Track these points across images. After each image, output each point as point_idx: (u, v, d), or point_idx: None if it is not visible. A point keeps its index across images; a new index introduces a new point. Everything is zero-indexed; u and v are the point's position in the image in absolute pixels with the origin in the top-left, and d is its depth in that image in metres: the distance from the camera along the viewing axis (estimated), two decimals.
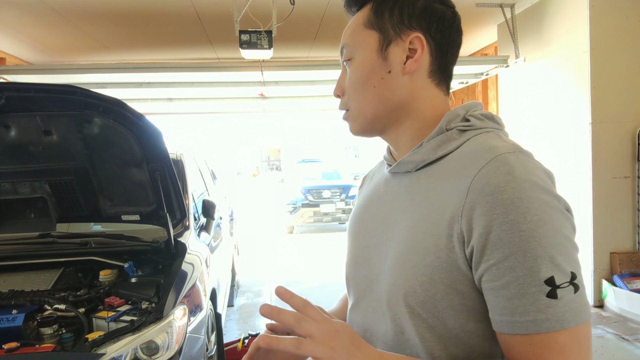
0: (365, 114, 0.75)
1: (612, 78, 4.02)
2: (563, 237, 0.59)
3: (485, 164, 0.62)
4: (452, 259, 0.62)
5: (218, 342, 2.71)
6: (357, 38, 0.75)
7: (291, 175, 10.97)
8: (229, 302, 4.30)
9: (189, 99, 6.70)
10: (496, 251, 0.58)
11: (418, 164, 0.72)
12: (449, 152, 0.69)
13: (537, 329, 0.57)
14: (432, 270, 0.64)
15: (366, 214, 0.82)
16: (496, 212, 0.58)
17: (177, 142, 3.60)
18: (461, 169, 0.65)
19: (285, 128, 31.38)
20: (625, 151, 4.07)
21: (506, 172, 0.60)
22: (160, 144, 2.09)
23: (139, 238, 2.40)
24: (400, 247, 0.69)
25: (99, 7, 4.40)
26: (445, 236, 0.63)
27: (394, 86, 0.73)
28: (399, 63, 0.72)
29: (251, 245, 7.74)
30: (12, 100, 1.93)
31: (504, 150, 0.63)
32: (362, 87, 0.74)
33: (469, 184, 0.62)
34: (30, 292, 2.09)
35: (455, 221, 0.62)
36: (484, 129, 0.71)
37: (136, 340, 1.82)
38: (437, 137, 0.71)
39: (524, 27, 4.87)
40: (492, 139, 0.67)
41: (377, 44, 0.73)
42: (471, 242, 0.60)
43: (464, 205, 0.61)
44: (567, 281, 0.57)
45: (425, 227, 0.66)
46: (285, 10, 3.91)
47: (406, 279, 0.66)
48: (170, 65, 5.79)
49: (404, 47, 0.72)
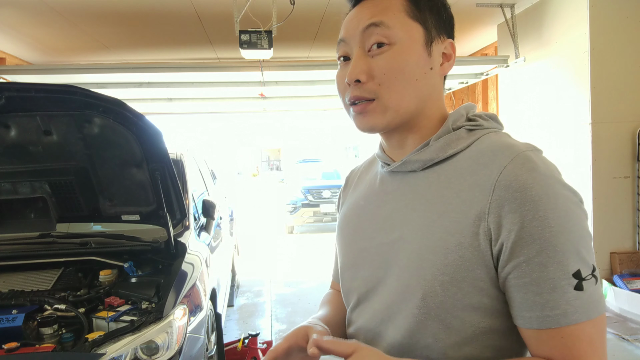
0: (400, 106, 0.70)
1: (612, 78, 4.02)
2: (585, 231, 0.61)
3: (510, 162, 0.62)
4: (478, 257, 0.62)
5: (218, 342, 2.71)
6: (401, 24, 0.70)
7: (291, 175, 10.97)
8: (229, 302, 4.30)
9: (189, 99, 6.70)
10: (526, 247, 0.59)
11: (426, 163, 0.71)
12: (459, 150, 0.69)
13: (567, 322, 0.58)
14: (454, 270, 0.63)
15: (362, 215, 0.80)
16: (526, 208, 0.59)
17: (177, 142, 3.60)
18: (480, 166, 0.65)
19: (285, 128, 31.36)
20: (625, 151, 4.07)
21: (531, 168, 0.61)
22: (160, 144, 2.09)
23: (139, 238, 2.39)
24: (413, 246, 0.68)
25: (99, 7, 4.40)
26: (470, 234, 0.63)
27: (431, 83, 0.73)
28: (438, 62, 0.73)
29: (251, 245, 7.74)
30: (12, 100, 1.93)
31: (524, 148, 0.64)
32: (405, 77, 0.69)
33: (495, 181, 0.62)
34: (30, 292, 2.09)
35: (482, 218, 0.62)
36: (491, 128, 0.72)
37: (136, 340, 1.82)
38: (445, 136, 0.71)
39: (524, 27, 4.87)
40: (506, 138, 0.69)
41: (424, 37, 0.71)
42: (500, 239, 0.61)
43: (490, 202, 0.62)
44: (590, 273, 0.59)
45: (443, 226, 0.65)
46: (285, 10, 3.91)
47: (424, 279, 0.65)
48: (170, 65, 5.78)
49: (440, 49, 0.73)
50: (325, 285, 1.00)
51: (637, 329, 3.57)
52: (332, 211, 9.11)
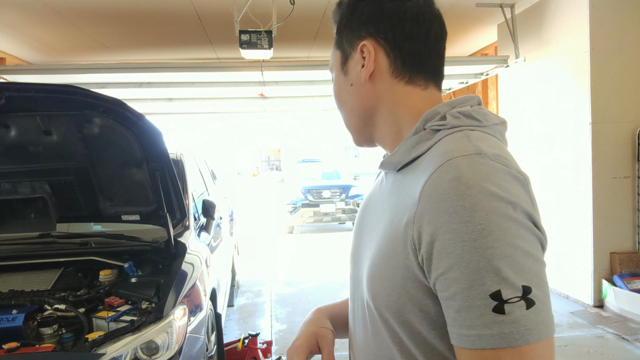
0: (350, 127, 0.79)
1: (612, 78, 4.02)
2: (513, 248, 0.54)
3: (436, 169, 0.59)
4: (408, 265, 0.61)
5: (218, 342, 2.71)
6: (331, 60, 0.80)
7: (291, 175, 10.97)
8: (229, 302, 4.30)
9: (189, 99, 6.70)
10: (442, 261, 0.56)
11: (396, 165, 0.71)
12: (421, 153, 0.67)
13: (482, 345, 0.54)
14: (393, 276, 0.63)
15: (366, 210, 0.82)
16: (440, 220, 0.56)
17: (177, 142, 3.60)
18: (421, 173, 0.63)
19: (285, 128, 31.38)
20: (625, 151, 4.07)
21: (452, 177, 0.57)
22: (160, 144, 2.09)
23: (139, 238, 2.39)
24: (373, 250, 0.69)
25: (99, 7, 4.40)
26: (401, 241, 0.62)
27: (359, 96, 0.75)
28: (357, 74, 0.74)
29: (251, 245, 7.74)
30: (12, 100, 1.93)
31: (459, 153, 0.59)
32: (339, 103, 0.79)
33: (421, 189, 0.60)
34: (30, 292, 2.09)
35: (409, 227, 0.61)
36: (456, 128, 0.66)
37: (136, 340, 1.82)
38: (412, 138, 0.69)
39: (524, 27, 4.87)
40: (455, 141, 0.63)
41: (340, 61, 0.77)
42: (421, 250, 0.59)
43: (416, 212, 0.60)
44: (518, 296, 0.53)
45: (390, 232, 0.65)
46: (285, 10, 3.91)
47: (374, 283, 0.67)
48: (170, 65, 5.79)
49: (357, 58, 0.74)
50: (325, 285, 1.02)
51: (637, 329, 3.57)
52: (332, 211, 9.11)
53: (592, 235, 4.00)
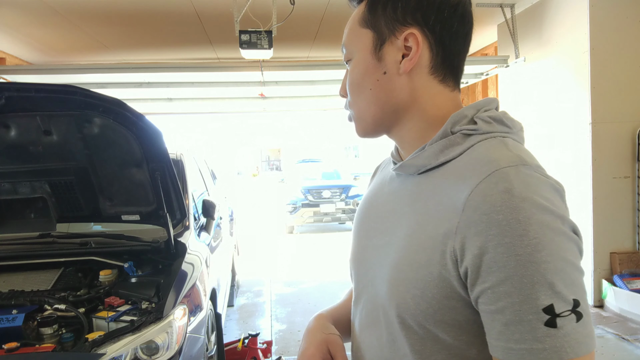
0: (365, 117, 0.72)
1: (612, 78, 4.02)
2: (565, 262, 0.54)
3: (483, 179, 0.57)
4: (444, 276, 0.59)
5: (218, 342, 2.71)
6: (353, 38, 0.72)
7: (291, 175, 10.97)
8: (229, 302, 4.30)
9: (189, 99, 6.70)
10: (491, 274, 0.55)
11: (420, 168, 0.68)
12: (452, 158, 0.65)
13: (533, 359, 0.53)
14: (424, 285, 0.61)
15: (370, 210, 0.80)
16: (491, 232, 0.55)
17: (177, 142, 3.60)
18: (460, 180, 0.61)
19: (285, 128, 31.37)
20: (625, 151, 4.07)
21: (504, 189, 0.56)
22: (160, 144, 2.09)
23: (139, 238, 2.39)
24: (396, 255, 0.66)
25: (99, 7, 4.40)
26: (439, 252, 0.60)
27: (391, 88, 0.69)
28: (394, 63, 0.68)
29: (251, 245, 7.74)
30: (12, 100, 1.93)
31: (505, 163, 0.58)
32: (359, 89, 0.71)
33: (465, 200, 0.58)
34: (30, 292, 2.09)
35: (449, 238, 0.59)
36: (490, 133, 0.65)
37: (136, 340, 1.82)
38: (440, 141, 0.66)
39: (524, 27, 4.87)
40: (495, 148, 0.62)
41: (372, 43, 0.69)
42: (464, 263, 0.57)
43: (459, 223, 0.58)
44: (569, 309, 0.53)
45: (420, 239, 0.63)
46: (285, 10, 3.91)
47: (398, 290, 0.64)
48: (170, 65, 5.79)
49: (399, 45, 0.67)
50: (325, 285, 1.01)
51: (637, 329, 3.57)
52: (332, 211, 9.11)
53: (592, 235, 4.00)
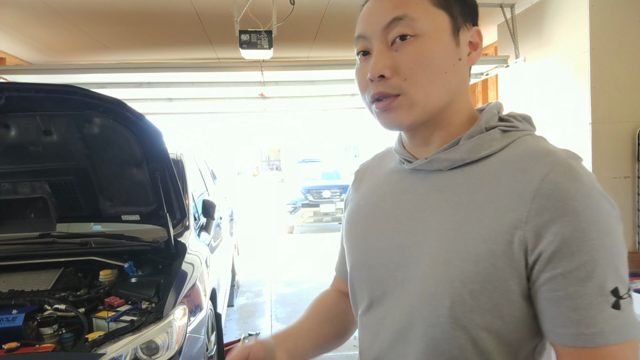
0: (428, 102, 0.66)
1: (612, 78, 4.02)
2: (623, 248, 0.58)
3: (552, 169, 0.59)
4: (510, 266, 0.59)
5: (218, 342, 2.71)
6: (426, 13, 0.65)
7: (291, 175, 10.96)
8: (229, 302, 4.30)
9: (189, 99, 6.70)
10: (565, 259, 0.56)
11: (455, 163, 0.67)
12: (492, 152, 0.66)
13: (605, 341, 0.55)
14: (485, 278, 0.60)
15: (376, 213, 0.75)
16: (567, 218, 0.56)
17: (177, 142, 3.60)
18: (518, 172, 0.61)
19: (285, 128, 31.37)
20: (625, 151, 4.07)
21: (574, 177, 0.58)
22: (160, 144, 2.09)
23: (139, 238, 2.39)
24: (439, 251, 0.64)
25: (99, 7, 4.40)
26: (504, 242, 0.59)
27: (460, 75, 0.69)
28: (466, 52, 0.69)
29: (251, 245, 7.74)
30: (12, 100, 1.93)
31: (565, 155, 0.61)
32: (430, 70, 0.65)
33: (535, 188, 0.58)
34: (30, 292, 2.09)
35: (518, 227, 0.59)
36: (526, 131, 0.68)
37: (136, 340, 1.82)
38: (478, 136, 0.67)
39: (524, 27, 4.87)
40: (544, 143, 0.65)
41: (451, 26, 0.67)
42: (536, 250, 0.58)
43: (529, 210, 0.58)
44: (627, 292, 0.56)
45: (474, 232, 0.62)
46: (285, 10, 3.91)
47: (452, 287, 0.61)
48: (170, 65, 5.79)
49: (467, 37, 0.69)
50: (325, 285, 1.00)
51: None
52: (332, 211, 9.11)
53: None
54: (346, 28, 4.84)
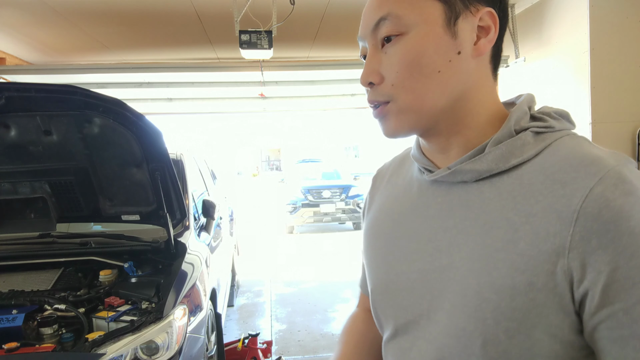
0: (421, 106, 0.58)
1: (612, 78, 4.02)
2: None
3: (598, 181, 0.48)
4: (553, 301, 0.50)
5: (218, 342, 2.71)
6: (412, 6, 0.57)
7: (291, 175, 10.96)
8: (229, 302, 4.30)
9: (189, 99, 6.71)
10: (624, 292, 0.46)
11: (481, 174, 0.57)
12: (525, 160, 0.55)
13: None
14: (524, 315, 0.51)
15: (397, 229, 0.67)
16: (622, 243, 0.46)
17: (177, 142, 3.60)
18: (556, 185, 0.51)
19: (285, 128, 31.37)
20: (625, 151, 4.07)
21: (628, 192, 0.47)
22: (160, 144, 2.09)
23: (139, 238, 2.40)
24: (470, 281, 0.55)
25: (99, 7, 4.40)
26: (545, 273, 0.50)
27: (462, 71, 0.58)
28: (470, 42, 0.58)
29: (251, 245, 7.74)
30: (12, 100, 1.93)
31: (614, 161, 0.50)
32: (422, 71, 0.57)
33: (578, 207, 0.49)
34: (30, 292, 2.09)
35: (561, 254, 0.49)
36: (563, 131, 0.57)
37: (136, 340, 1.82)
38: (507, 142, 0.56)
39: (524, 27, 4.87)
40: (587, 146, 0.54)
41: (443, 16, 0.57)
42: (584, 282, 0.48)
43: (571, 235, 0.48)
44: None
45: (509, 259, 0.52)
46: (285, 10, 3.91)
47: (485, 324, 0.53)
48: (170, 65, 5.79)
49: (473, 23, 0.57)
50: (325, 285, 0.96)
51: None
52: (332, 211, 9.11)
53: None
54: (346, 28, 4.84)
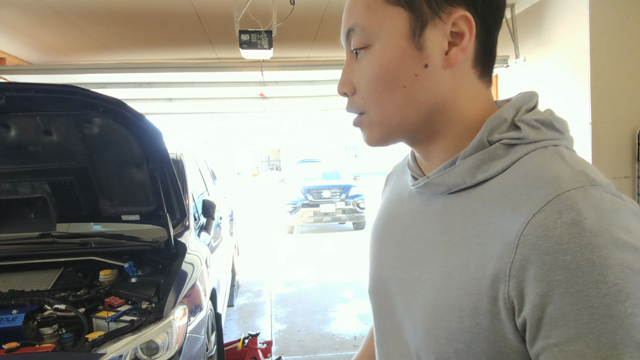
0: (390, 121, 0.56)
1: (612, 78, 4.02)
2: None
3: (542, 207, 0.45)
4: (497, 327, 0.48)
5: (218, 342, 2.71)
6: (376, 17, 0.54)
7: (291, 175, 10.97)
8: (229, 302, 4.30)
9: (189, 99, 6.72)
10: (557, 329, 0.43)
11: (450, 188, 0.55)
12: (493, 175, 0.52)
13: None
14: (471, 338, 0.49)
15: (386, 233, 0.67)
16: (556, 278, 0.43)
17: (177, 142, 3.60)
18: (508, 206, 0.48)
19: (285, 128, 31.38)
20: (625, 151, 4.07)
21: (571, 221, 0.43)
22: (160, 144, 2.09)
23: (139, 238, 2.40)
24: (430, 298, 0.54)
25: (99, 7, 4.40)
26: (488, 299, 0.48)
27: (431, 85, 0.54)
28: (439, 53, 0.53)
29: (251, 245, 7.74)
30: (12, 100, 1.93)
31: (568, 184, 0.46)
32: (386, 86, 0.55)
33: (519, 233, 0.46)
34: (30, 292, 2.09)
35: (501, 281, 0.47)
36: (538, 142, 0.52)
37: (136, 340, 1.82)
38: (476, 155, 0.53)
39: (524, 27, 4.87)
40: (551, 163, 0.49)
41: (408, 26, 0.53)
42: (522, 313, 0.46)
43: (512, 262, 0.46)
44: None
45: (461, 280, 0.51)
46: (285, 10, 3.91)
47: (437, 342, 0.52)
48: (170, 65, 5.79)
49: (445, 30, 0.53)
50: (325, 285, 0.97)
51: None
52: (332, 211, 9.11)
53: None
54: None
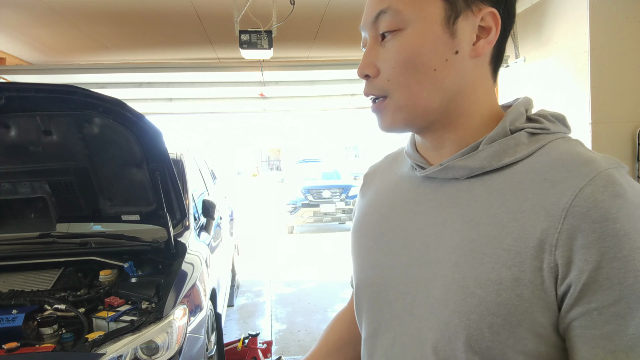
0: (416, 104, 0.59)
1: (612, 78, 4.02)
2: None
3: (588, 182, 0.49)
4: (539, 297, 0.50)
5: (218, 342, 2.71)
6: (413, 1, 0.57)
7: (291, 175, 10.96)
8: (229, 302, 4.30)
9: (189, 99, 6.72)
10: (601, 293, 0.47)
11: (473, 171, 0.58)
12: (518, 159, 0.56)
13: None
14: (509, 311, 0.51)
15: (385, 224, 0.67)
16: (606, 244, 0.47)
17: (177, 142, 3.60)
18: (547, 184, 0.52)
19: (285, 128, 31.38)
20: (625, 151, 4.07)
21: (616, 193, 0.48)
22: (160, 144, 2.09)
23: (139, 238, 2.40)
24: (454, 275, 0.55)
25: (99, 7, 4.40)
26: (531, 269, 0.50)
27: (458, 71, 0.58)
28: (468, 42, 0.57)
29: (251, 245, 7.74)
30: (12, 100, 1.93)
31: (605, 164, 0.51)
32: (417, 69, 0.57)
33: (567, 205, 0.49)
34: (30, 292, 2.09)
35: (547, 251, 0.50)
36: (559, 133, 0.58)
37: (136, 340, 1.82)
38: (500, 141, 0.57)
39: (524, 27, 4.87)
40: (580, 148, 0.55)
41: (443, 14, 0.56)
42: (568, 279, 0.49)
43: (559, 232, 0.49)
44: None
45: (495, 255, 0.53)
46: (285, 10, 3.91)
47: (469, 319, 0.53)
48: (170, 65, 5.79)
49: (474, 23, 0.57)
50: (325, 285, 0.97)
51: None
52: (332, 211, 9.11)
53: None
54: (346, 28, 4.84)
